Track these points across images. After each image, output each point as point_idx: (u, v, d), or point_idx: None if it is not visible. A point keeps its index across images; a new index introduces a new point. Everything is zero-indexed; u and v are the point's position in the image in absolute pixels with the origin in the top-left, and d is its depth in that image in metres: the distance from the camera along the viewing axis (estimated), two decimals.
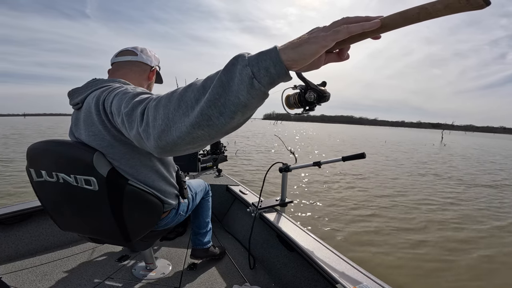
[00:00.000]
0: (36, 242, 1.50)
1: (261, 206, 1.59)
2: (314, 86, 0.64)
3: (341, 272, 1.00)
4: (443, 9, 0.33)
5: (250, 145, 12.76)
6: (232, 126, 0.42)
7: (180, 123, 0.42)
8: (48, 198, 0.94)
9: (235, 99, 0.38)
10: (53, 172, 0.85)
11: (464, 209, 4.44)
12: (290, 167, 1.61)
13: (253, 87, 0.38)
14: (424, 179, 6.78)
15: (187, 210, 1.18)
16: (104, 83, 0.83)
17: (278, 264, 1.41)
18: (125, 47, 1.01)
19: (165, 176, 0.99)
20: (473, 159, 12.43)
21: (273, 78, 0.38)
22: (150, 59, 1.03)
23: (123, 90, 0.64)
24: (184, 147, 0.45)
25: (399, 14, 0.36)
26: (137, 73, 0.99)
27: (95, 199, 0.84)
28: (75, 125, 0.88)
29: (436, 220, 3.81)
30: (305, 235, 1.30)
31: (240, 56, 0.39)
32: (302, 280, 1.24)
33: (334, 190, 5.21)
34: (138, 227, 0.94)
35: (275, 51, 0.38)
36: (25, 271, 1.30)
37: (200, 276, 1.37)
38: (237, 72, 0.38)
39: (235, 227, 1.89)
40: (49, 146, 0.86)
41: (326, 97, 0.64)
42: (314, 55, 0.38)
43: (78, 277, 1.29)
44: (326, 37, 0.38)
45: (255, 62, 0.38)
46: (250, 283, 1.32)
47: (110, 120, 0.70)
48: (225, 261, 1.52)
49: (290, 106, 0.69)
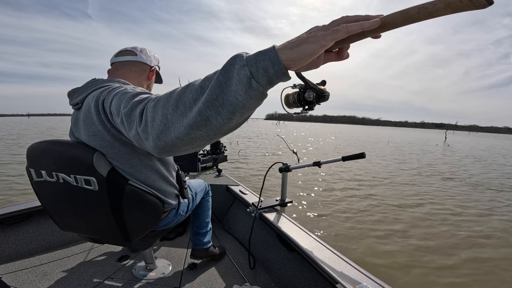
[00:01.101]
0: (36, 242, 1.50)
1: (261, 206, 1.58)
2: (313, 85, 0.64)
3: (341, 272, 1.00)
4: (443, 9, 0.32)
5: (252, 146, 12.71)
6: (230, 126, 0.42)
7: (178, 123, 0.41)
8: (48, 198, 0.95)
9: (233, 100, 0.38)
10: (53, 172, 0.85)
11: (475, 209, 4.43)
12: (290, 167, 1.61)
13: (251, 88, 0.37)
14: (428, 180, 6.78)
15: (187, 210, 1.18)
16: (104, 83, 0.83)
17: (278, 264, 1.41)
18: (125, 47, 1.01)
19: (165, 176, 0.99)
20: (486, 161, 11.70)
21: (271, 78, 0.38)
22: (149, 59, 1.03)
23: (123, 90, 0.64)
24: (183, 147, 0.45)
25: (399, 13, 0.36)
26: (137, 73, 0.99)
27: (95, 199, 0.84)
28: (75, 125, 0.88)
29: (438, 219, 3.81)
30: (305, 235, 1.30)
31: (238, 56, 0.39)
32: (302, 280, 1.24)
33: (334, 190, 5.21)
34: (138, 227, 0.94)
35: (274, 50, 0.37)
36: (25, 271, 1.30)
37: (200, 276, 1.37)
38: (235, 72, 0.38)
39: (235, 227, 1.89)
40: (49, 146, 0.86)
41: (325, 96, 0.64)
42: (313, 54, 0.38)
43: (78, 277, 1.29)
44: (325, 37, 0.37)
45: (253, 62, 0.37)
46: (250, 283, 1.32)
47: (110, 120, 0.70)
48: (225, 261, 1.52)
49: (290, 105, 0.69)
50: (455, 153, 14.74)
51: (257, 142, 15.23)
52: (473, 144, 28.12)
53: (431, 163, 10.07)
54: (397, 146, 17.94)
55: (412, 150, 15.36)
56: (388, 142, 21.21)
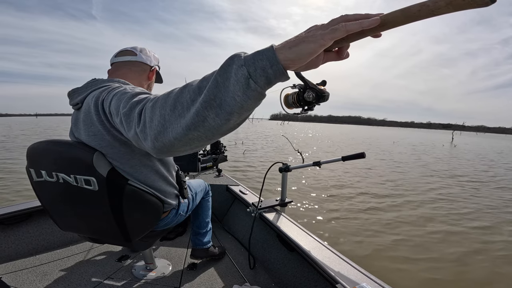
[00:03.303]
0: (36, 242, 1.50)
1: (261, 206, 1.58)
2: (313, 85, 0.63)
3: (341, 272, 1.00)
4: (445, 7, 0.31)
5: (257, 146, 12.63)
6: (228, 127, 0.41)
7: (176, 124, 0.41)
8: (48, 198, 0.95)
9: (231, 100, 0.37)
10: (53, 172, 0.85)
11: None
12: (290, 167, 1.61)
13: (249, 88, 0.37)
14: (431, 179, 6.77)
15: (187, 210, 1.18)
16: (104, 83, 0.83)
17: (278, 264, 1.41)
18: (125, 47, 1.01)
19: (165, 176, 0.99)
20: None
21: (270, 78, 0.37)
22: (149, 59, 1.03)
23: (122, 90, 0.64)
24: (181, 148, 0.44)
25: (399, 11, 0.35)
26: (137, 73, 0.99)
27: (95, 199, 0.84)
28: (75, 125, 0.88)
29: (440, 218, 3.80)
30: (305, 235, 1.30)
31: (236, 56, 0.38)
32: (302, 280, 1.24)
33: (334, 190, 5.20)
34: (138, 227, 0.94)
35: (272, 50, 0.37)
36: (25, 271, 1.30)
37: (200, 276, 1.37)
38: (232, 72, 0.37)
39: (235, 227, 1.89)
40: (49, 146, 0.86)
41: (325, 96, 0.63)
42: (312, 54, 0.37)
43: (78, 277, 1.29)
44: (324, 36, 0.37)
45: (251, 62, 0.37)
46: (250, 283, 1.32)
47: (109, 120, 0.70)
48: (225, 261, 1.52)
49: (289, 105, 0.68)
50: (465, 154, 14.25)
51: (262, 142, 15.20)
52: (483, 145, 26.98)
53: (436, 162, 10.00)
54: (406, 146, 17.69)
55: (422, 150, 15.09)
56: (393, 142, 21.00)
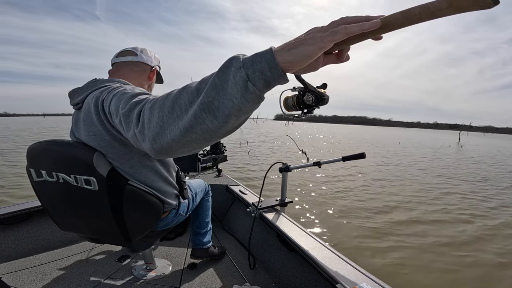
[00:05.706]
0: (36, 242, 1.50)
1: (261, 206, 1.58)
2: (312, 88, 0.63)
3: (341, 272, 1.00)
4: (446, 8, 0.31)
5: (263, 146, 12.58)
6: (226, 129, 0.41)
7: (173, 126, 0.41)
8: (48, 198, 0.95)
9: (229, 103, 0.37)
10: (53, 172, 0.85)
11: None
12: (290, 167, 1.61)
13: (247, 90, 0.37)
14: (433, 180, 6.77)
15: (187, 210, 1.18)
16: (104, 83, 0.83)
17: (278, 264, 1.41)
18: (125, 48, 1.01)
19: (165, 176, 0.99)
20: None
21: (268, 81, 0.37)
22: (150, 59, 1.03)
23: (122, 90, 0.64)
24: (179, 149, 0.44)
25: (400, 13, 0.35)
26: (138, 73, 0.99)
27: (95, 199, 0.84)
28: (75, 125, 0.88)
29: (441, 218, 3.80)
30: (305, 235, 1.30)
31: (235, 58, 0.38)
32: (302, 280, 1.24)
33: (334, 190, 5.20)
34: (138, 227, 0.94)
35: (270, 52, 0.37)
36: (25, 271, 1.30)
37: (200, 276, 1.37)
38: (231, 74, 0.37)
39: (235, 227, 1.89)
40: (49, 146, 0.86)
41: (324, 99, 0.63)
42: (311, 57, 0.37)
43: (78, 277, 1.29)
44: (324, 38, 0.36)
45: (250, 64, 0.36)
46: (250, 283, 1.32)
47: (109, 120, 0.70)
48: (225, 261, 1.53)
49: (289, 108, 0.68)
50: (473, 157, 13.72)
51: (268, 141, 15.15)
52: (491, 146, 25.94)
53: (441, 164, 9.98)
54: (409, 147, 17.52)
55: (427, 152, 14.90)
56: (399, 143, 20.80)
